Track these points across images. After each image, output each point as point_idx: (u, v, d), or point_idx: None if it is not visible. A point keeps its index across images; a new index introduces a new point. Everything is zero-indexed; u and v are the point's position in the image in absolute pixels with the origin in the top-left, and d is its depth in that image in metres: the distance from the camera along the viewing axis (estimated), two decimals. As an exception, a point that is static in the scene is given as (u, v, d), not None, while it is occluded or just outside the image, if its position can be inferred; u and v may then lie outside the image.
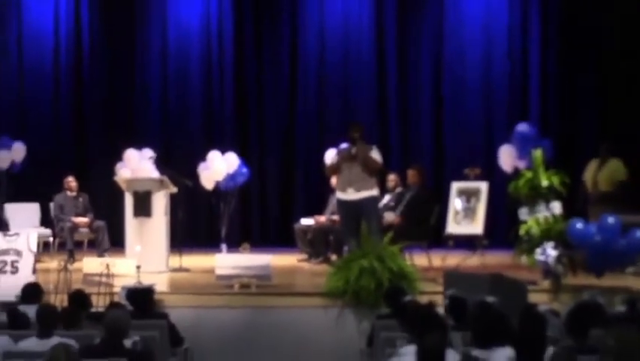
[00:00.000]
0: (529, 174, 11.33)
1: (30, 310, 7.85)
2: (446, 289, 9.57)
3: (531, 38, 15.46)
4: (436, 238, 13.26)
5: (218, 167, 13.84)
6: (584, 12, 15.04)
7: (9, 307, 8.59)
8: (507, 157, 13.28)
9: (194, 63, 16.12)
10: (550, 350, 5.43)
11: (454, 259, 12.67)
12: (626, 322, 6.84)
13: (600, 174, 12.75)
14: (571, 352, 5.27)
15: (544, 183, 11.13)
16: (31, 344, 6.91)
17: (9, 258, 10.79)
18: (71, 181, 13.75)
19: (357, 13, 15.84)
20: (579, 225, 10.75)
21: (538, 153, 11.38)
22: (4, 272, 10.72)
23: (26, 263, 10.82)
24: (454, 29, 15.67)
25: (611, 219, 10.63)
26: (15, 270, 10.72)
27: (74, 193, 13.72)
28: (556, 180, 11.16)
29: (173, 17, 16.08)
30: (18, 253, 10.81)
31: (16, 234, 11.27)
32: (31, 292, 8.70)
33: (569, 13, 15.24)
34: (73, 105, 16.22)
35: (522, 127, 13.26)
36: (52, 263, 12.27)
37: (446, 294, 7.98)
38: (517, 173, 12.25)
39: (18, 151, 14.72)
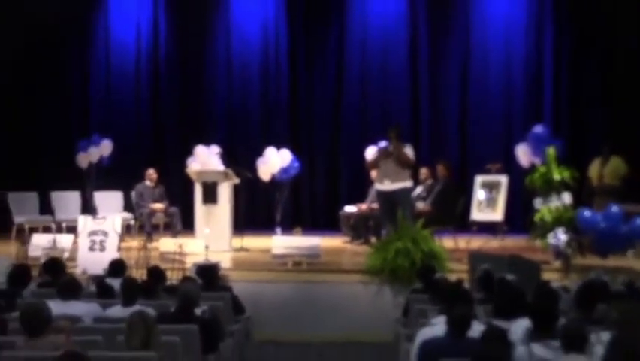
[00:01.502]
0: (543, 169, 11.27)
1: (115, 283, 7.93)
2: (471, 268, 9.54)
3: (545, 52, 15.31)
4: (462, 223, 13.22)
5: (274, 161, 13.84)
6: (593, 29, 14.87)
7: (98, 280, 8.69)
8: (523, 154, 13.18)
9: (254, 72, 16.13)
10: (561, 321, 5.39)
11: (477, 242, 12.63)
12: (626, 297, 6.79)
13: (605, 170, 12.65)
14: (581, 323, 5.22)
15: (557, 177, 11.07)
16: (117, 311, 6.97)
17: (98, 238, 10.88)
18: (152, 173, 13.83)
19: (395, 30, 15.76)
20: (587, 213, 10.68)
21: (551, 151, 11.31)
22: (94, 250, 10.82)
23: (112, 242, 10.91)
24: (479, 44, 15.55)
25: (614, 209, 10.56)
26: (102, 248, 10.81)
27: (153, 183, 13.81)
28: (566, 175, 11.10)
29: (236, 32, 16.09)
30: (105, 233, 10.90)
31: (104, 217, 11.35)
32: (117, 267, 8.76)
33: (579, 30, 15.09)
34: (151, 108, 16.31)
35: (537, 128, 13.15)
36: (134, 243, 12.37)
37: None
38: (532, 168, 12.16)
39: (106, 147, 14.82)
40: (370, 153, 12.89)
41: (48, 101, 15.75)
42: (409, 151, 11.80)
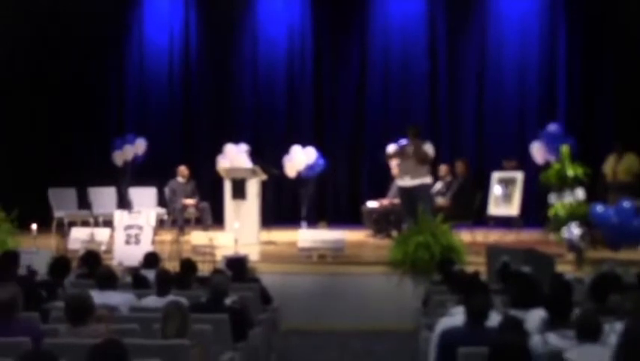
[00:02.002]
0: (557, 166, 11.25)
1: (150, 274, 7.96)
2: (488, 261, 9.51)
3: (559, 55, 15.25)
4: (479, 218, 13.19)
5: (300, 159, 13.87)
6: (604, 30, 14.77)
7: (133, 271, 8.74)
8: (538, 152, 13.14)
9: (280, 73, 16.14)
10: (575, 311, 5.37)
11: (494, 236, 12.63)
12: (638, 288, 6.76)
13: (619, 166, 12.57)
14: (596, 313, 5.20)
15: (570, 173, 11.05)
16: (152, 301, 7.01)
17: (133, 231, 10.93)
18: (184, 170, 13.81)
19: (415, 32, 15.75)
20: (599, 208, 10.63)
21: (565, 149, 11.29)
22: (129, 243, 10.87)
23: (146, 236, 10.95)
24: (495, 46, 15.52)
25: (626, 204, 10.50)
26: (137, 241, 10.85)
27: (185, 180, 13.83)
28: (580, 171, 11.08)
29: (263, 36, 16.11)
30: (140, 227, 10.94)
31: (138, 212, 11.40)
32: (151, 259, 8.80)
33: (591, 31, 14.98)
34: (183, 109, 16.35)
35: (551, 127, 13.12)
36: (167, 236, 12.44)
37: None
38: (547, 165, 12.12)
39: (140, 146, 14.90)
40: (391, 150, 12.91)
41: (86, 102, 15.84)
42: (428, 148, 11.78)
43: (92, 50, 15.69)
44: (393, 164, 12.54)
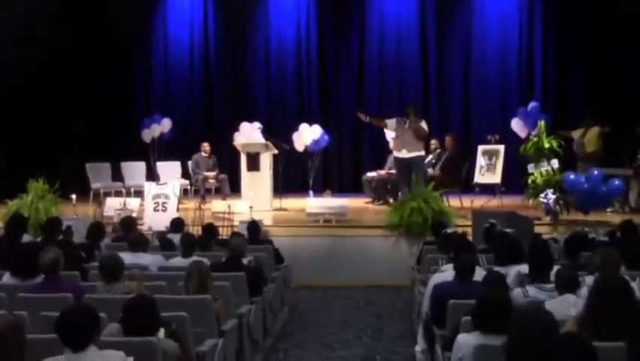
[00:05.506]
0: (535, 139, 11.19)
1: (175, 238, 7.96)
2: (474, 223, 9.50)
3: (535, 42, 15.21)
4: (466, 186, 13.14)
5: (307, 135, 13.81)
6: (575, 22, 14.64)
7: (161, 235, 8.74)
8: (518, 127, 13.08)
9: (289, 62, 16.06)
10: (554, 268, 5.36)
11: (479, 202, 12.57)
12: (607, 246, 6.73)
13: (585, 139, 12.48)
14: (571, 268, 5.19)
15: (546, 145, 11.00)
16: (178, 261, 7.02)
17: (160, 200, 10.90)
18: (207, 146, 13.79)
19: (407, 23, 15.66)
20: (572, 176, 10.60)
21: (542, 124, 11.22)
22: (157, 210, 10.84)
23: (172, 204, 10.92)
24: (479, 36, 15.45)
25: (595, 172, 10.47)
26: (164, 209, 10.83)
27: (207, 154, 13.81)
28: (554, 144, 11.03)
29: (274, 27, 16.02)
30: (166, 196, 10.91)
31: (165, 183, 11.38)
32: (176, 224, 8.81)
33: (564, 22, 14.88)
34: (204, 92, 16.30)
35: (529, 105, 13.04)
36: (190, 204, 12.40)
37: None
38: (526, 138, 12.06)
39: (165, 124, 14.86)
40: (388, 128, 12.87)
41: (118, 87, 15.83)
42: (424, 125, 11.80)
43: (123, 42, 15.65)
44: (390, 138, 12.51)
